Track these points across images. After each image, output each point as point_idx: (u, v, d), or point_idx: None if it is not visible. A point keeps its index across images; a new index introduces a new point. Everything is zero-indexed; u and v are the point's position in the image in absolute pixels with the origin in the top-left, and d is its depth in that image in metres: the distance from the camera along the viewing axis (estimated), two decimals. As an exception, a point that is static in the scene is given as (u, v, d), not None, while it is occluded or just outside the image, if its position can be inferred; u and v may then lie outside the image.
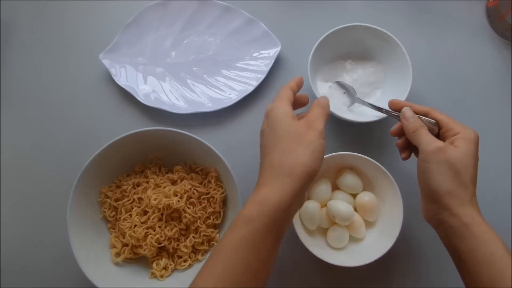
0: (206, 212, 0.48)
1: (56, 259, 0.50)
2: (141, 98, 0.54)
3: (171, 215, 0.48)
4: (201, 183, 0.50)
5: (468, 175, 0.37)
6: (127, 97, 0.56)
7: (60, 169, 0.53)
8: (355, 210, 0.49)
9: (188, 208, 0.47)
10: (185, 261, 0.48)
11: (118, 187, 0.50)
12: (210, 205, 0.49)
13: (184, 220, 0.47)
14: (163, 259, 0.48)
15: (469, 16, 0.61)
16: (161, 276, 0.47)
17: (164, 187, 0.48)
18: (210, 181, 0.50)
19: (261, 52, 0.58)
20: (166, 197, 0.47)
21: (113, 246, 0.48)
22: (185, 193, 0.48)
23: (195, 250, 0.49)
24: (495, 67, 0.59)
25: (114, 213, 0.49)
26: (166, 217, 0.47)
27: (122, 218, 0.48)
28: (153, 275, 0.47)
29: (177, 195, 0.47)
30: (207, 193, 0.50)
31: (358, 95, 0.52)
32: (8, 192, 0.52)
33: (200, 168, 0.51)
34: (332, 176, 0.51)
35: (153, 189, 0.48)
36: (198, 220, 0.48)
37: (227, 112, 0.55)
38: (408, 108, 0.43)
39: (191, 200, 0.48)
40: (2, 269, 0.50)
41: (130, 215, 0.48)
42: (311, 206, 0.47)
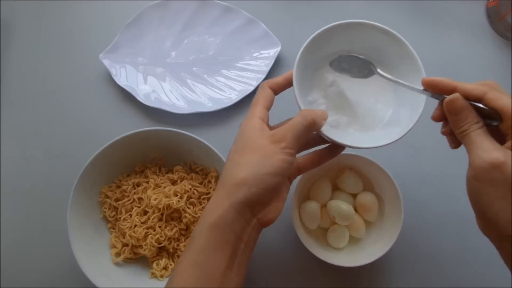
0: (206, 212, 0.48)
1: (56, 259, 0.50)
2: (141, 98, 0.54)
3: (171, 215, 0.48)
4: (201, 183, 0.50)
5: None
6: (127, 97, 0.56)
7: (60, 169, 0.53)
8: (355, 210, 0.49)
9: (188, 208, 0.47)
10: (185, 261, 0.48)
11: (118, 187, 0.50)
12: (210, 205, 0.49)
13: (184, 220, 0.47)
14: (163, 259, 0.48)
15: (469, 16, 0.61)
16: (161, 276, 0.47)
17: (164, 187, 0.48)
18: (210, 181, 0.50)
19: (261, 52, 0.58)
20: (166, 197, 0.47)
21: (113, 246, 0.48)
22: (185, 193, 0.48)
23: (195, 250, 0.49)
24: (495, 67, 0.59)
25: (114, 213, 0.49)
26: (166, 217, 0.47)
27: (122, 218, 0.48)
28: (153, 275, 0.47)
29: (177, 195, 0.47)
30: (207, 193, 0.50)
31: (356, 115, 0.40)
32: (8, 192, 0.52)
33: (200, 168, 0.51)
34: (332, 176, 0.51)
35: (153, 189, 0.48)
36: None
37: (227, 112, 0.55)
38: (457, 96, 0.30)
39: (191, 200, 0.48)
40: (2, 269, 0.50)
41: (130, 215, 0.48)
42: (311, 206, 0.47)
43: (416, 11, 0.61)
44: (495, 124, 0.30)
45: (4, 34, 0.59)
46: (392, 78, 0.36)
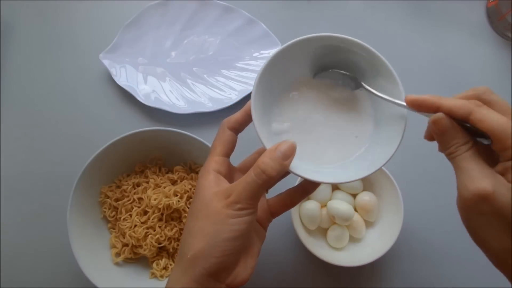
0: (206, 212, 0.48)
1: (56, 259, 0.50)
2: (141, 98, 0.54)
3: (171, 215, 0.48)
4: (201, 183, 0.50)
5: None
6: (127, 97, 0.56)
7: (60, 169, 0.53)
8: (355, 210, 0.49)
9: (188, 208, 0.47)
10: (185, 261, 0.48)
11: (118, 187, 0.50)
12: (210, 205, 0.49)
13: (184, 220, 0.47)
14: (163, 259, 0.48)
15: (469, 16, 0.61)
16: (161, 276, 0.47)
17: (164, 187, 0.48)
18: (210, 181, 0.50)
19: (261, 52, 0.58)
20: (166, 197, 0.47)
21: (113, 246, 0.48)
22: (185, 193, 0.48)
23: (195, 250, 0.49)
24: (495, 67, 0.59)
25: (114, 213, 0.49)
26: (166, 217, 0.47)
27: (122, 218, 0.48)
28: (153, 275, 0.47)
29: (177, 195, 0.47)
30: (207, 193, 0.50)
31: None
32: (8, 192, 0.52)
33: (200, 168, 0.51)
34: (332, 176, 0.51)
35: (153, 189, 0.48)
36: (198, 220, 0.48)
37: (227, 112, 0.55)
38: (440, 116, 0.28)
39: (191, 200, 0.48)
40: (2, 269, 0.50)
41: (130, 215, 0.48)
42: (311, 206, 0.47)
43: (416, 11, 0.61)
44: (486, 143, 0.27)
45: (4, 34, 0.59)
46: (378, 93, 0.33)
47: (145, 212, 0.48)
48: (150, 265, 0.48)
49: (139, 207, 0.48)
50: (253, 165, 0.30)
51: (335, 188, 0.50)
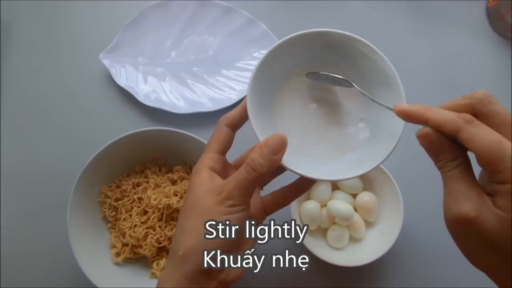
0: (206, 212, 0.48)
1: (56, 259, 0.50)
2: (141, 98, 0.54)
3: (171, 215, 0.48)
4: (201, 183, 0.50)
5: None
6: (127, 97, 0.56)
7: (60, 169, 0.53)
8: (355, 210, 0.49)
9: (188, 208, 0.47)
10: (185, 261, 0.48)
11: (118, 187, 0.50)
12: (210, 205, 0.49)
13: (184, 220, 0.47)
14: (163, 259, 0.48)
15: (469, 16, 0.61)
16: (161, 276, 0.47)
17: (164, 187, 0.48)
18: (210, 181, 0.50)
19: (261, 52, 0.58)
20: (166, 197, 0.47)
21: (113, 246, 0.48)
22: (185, 193, 0.48)
23: (195, 250, 0.49)
24: (495, 67, 0.59)
25: (114, 213, 0.49)
26: (166, 217, 0.47)
27: (122, 218, 0.48)
28: (153, 275, 0.47)
29: (177, 195, 0.47)
30: (207, 193, 0.50)
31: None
32: (8, 192, 0.52)
33: (200, 168, 0.51)
34: (332, 176, 0.51)
35: (153, 189, 0.48)
36: (198, 220, 0.48)
37: (227, 112, 0.55)
38: (427, 131, 0.26)
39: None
40: (2, 269, 0.50)
41: (130, 215, 0.48)
42: (311, 206, 0.47)
43: (416, 11, 0.62)
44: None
45: (4, 34, 0.59)
46: (371, 97, 0.32)
47: (145, 212, 0.48)
48: (150, 265, 0.48)
49: (139, 207, 0.48)
50: None
51: (335, 188, 0.50)
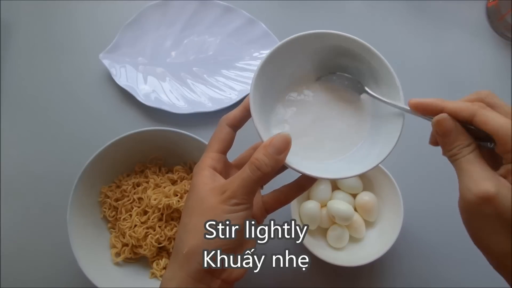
0: (206, 212, 0.48)
1: (56, 259, 0.50)
2: (141, 98, 0.54)
3: (171, 215, 0.48)
4: (201, 183, 0.50)
5: None
6: (127, 97, 0.56)
7: (60, 169, 0.53)
8: (355, 210, 0.49)
9: (188, 208, 0.47)
10: (185, 261, 0.48)
11: (118, 187, 0.50)
12: (210, 205, 0.49)
13: (184, 220, 0.47)
14: (163, 259, 0.48)
15: (469, 16, 0.61)
16: (161, 276, 0.47)
17: (164, 187, 0.48)
18: (210, 181, 0.50)
19: (261, 52, 0.58)
20: (166, 197, 0.47)
21: (113, 246, 0.48)
22: (185, 193, 0.48)
23: (195, 250, 0.49)
24: (495, 67, 0.59)
25: (114, 213, 0.49)
26: (166, 217, 0.47)
27: (122, 218, 0.48)
28: (153, 275, 0.47)
29: (177, 195, 0.47)
30: (207, 193, 0.50)
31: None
32: (8, 192, 0.52)
33: (200, 168, 0.51)
34: (332, 176, 0.51)
35: (153, 189, 0.48)
36: (198, 220, 0.48)
37: (227, 112, 0.55)
38: (444, 116, 0.28)
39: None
40: (2, 269, 0.50)
41: (130, 215, 0.48)
42: (311, 206, 0.47)
43: (416, 11, 0.62)
44: (491, 146, 0.27)
45: (4, 34, 0.59)
46: (382, 98, 0.32)
47: (145, 212, 0.48)
48: (150, 265, 0.48)
49: (139, 207, 0.48)
50: (248, 160, 0.30)
51: (335, 188, 0.50)
